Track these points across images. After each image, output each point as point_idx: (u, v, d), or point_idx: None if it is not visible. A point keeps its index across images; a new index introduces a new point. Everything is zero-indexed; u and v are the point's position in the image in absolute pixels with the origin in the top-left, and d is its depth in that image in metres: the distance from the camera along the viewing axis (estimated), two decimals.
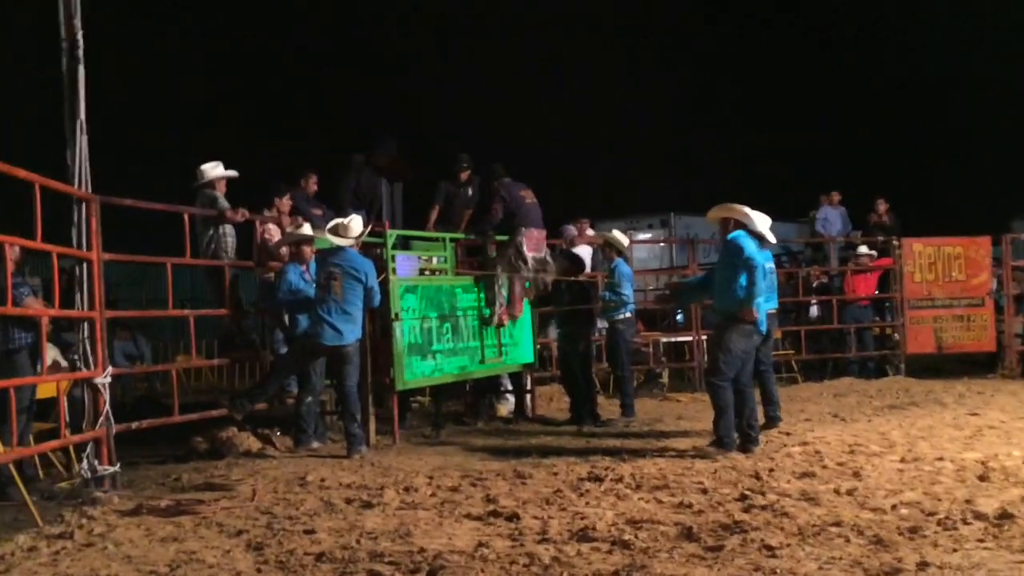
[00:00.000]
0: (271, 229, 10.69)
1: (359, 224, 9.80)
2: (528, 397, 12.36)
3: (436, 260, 11.32)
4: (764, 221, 9.02)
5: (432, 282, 10.89)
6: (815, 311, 16.92)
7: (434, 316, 10.68)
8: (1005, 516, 5.86)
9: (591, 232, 15.26)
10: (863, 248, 16.28)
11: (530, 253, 11.27)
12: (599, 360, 13.43)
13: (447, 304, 10.93)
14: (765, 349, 10.30)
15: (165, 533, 6.21)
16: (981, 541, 5.43)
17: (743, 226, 8.88)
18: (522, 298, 11.62)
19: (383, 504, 6.84)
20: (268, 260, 10.48)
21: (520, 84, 32.77)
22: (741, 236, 8.80)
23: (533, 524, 6.10)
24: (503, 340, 11.65)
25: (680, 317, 17.08)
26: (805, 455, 8.36)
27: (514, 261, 11.25)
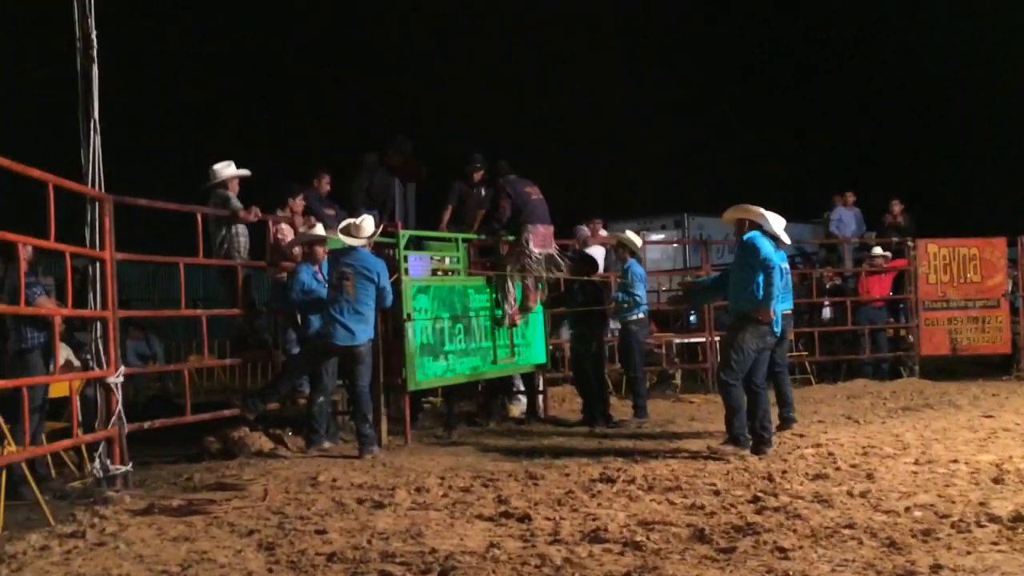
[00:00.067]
0: (284, 229, 10.70)
1: (371, 224, 9.80)
2: (540, 398, 12.36)
3: (449, 260, 11.32)
4: (779, 222, 8.99)
5: (444, 282, 10.88)
6: (827, 313, 16.87)
7: (446, 316, 10.68)
8: (1019, 519, 5.82)
9: (604, 233, 15.24)
10: (877, 249, 16.23)
11: (537, 249, 11.26)
12: (612, 361, 13.41)
13: (459, 305, 10.92)
14: (780, 350, 10.28)
15: (177, 533, 6.22)
16: (995, 544, 5.40)
17: (758, 227, 8.85)
18: (536, 293, 11.61)
19: (395, 504, 6.84)
20: (281, 260, 10.49)
21: (532, 83, 32.79)
22: (757, 237, 8.77)
23: (545, 525, 6.09)
24: (515, 341, 11.63)
25: (693, 318, 17.05)
26: (818, 457, 8.33)
27: (522, 259, 11.24)
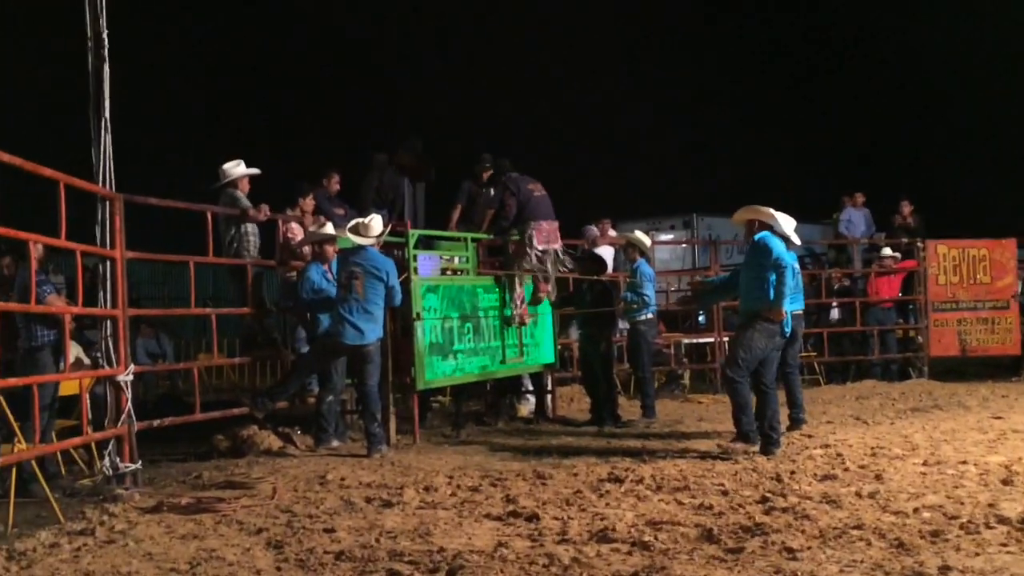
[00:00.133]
0: (294, 228, 10.72)
1: (379, 223, 9.81)
2: (549, 397, 12.36)
3: (458, 260, 11.32)
4: (789, 223, 8.98)
5: (454, 282, 10.89)
6: (835, 314, 16.84)
7: (455, 316, 10.69)
8: None
9: (613, 233, 15.25)
10: (887, 250, 16.19)
11: (540, 246, 11.26)
12: (620, 361, 13.41)
13: (468, 304, 10.93)
14: (792, 351, 10.26)
15: (186, 531, 6.24)
16: (1004, 545, 5.38)
17: (768, 228, 8.85)
18: (546, 284, 11.60)
19: (403, 503, 6.85)
20: (291, 259, 10.51)
21: (537, 82, 32.73)
22: (768, 236, 8.77)
23: (553, 525, 6.10)
24: (524, 340, 11.64)
25: (702, 318, 17.04)
26: (827, 457, 8.32)
27: (524, 257, 11.24)
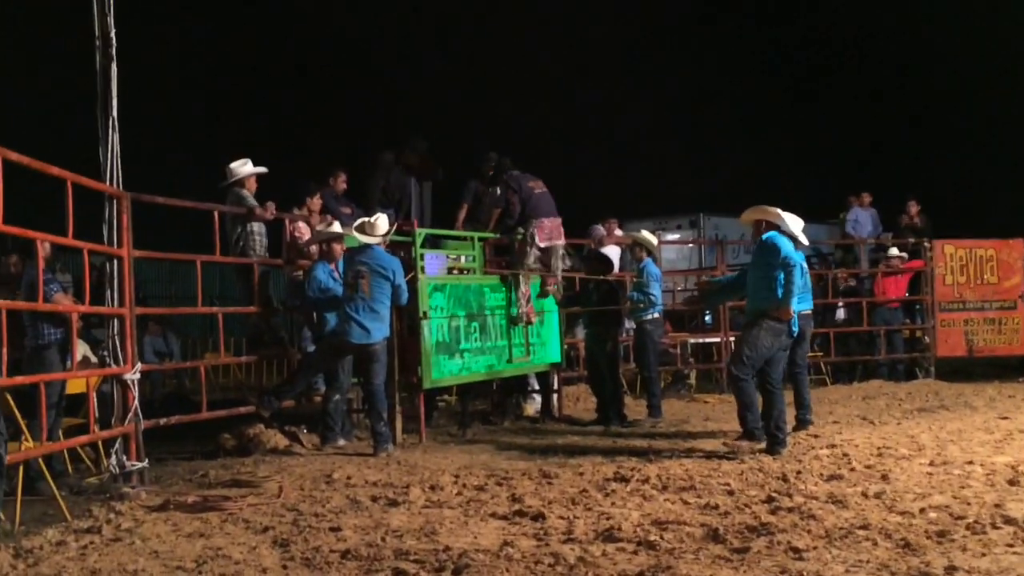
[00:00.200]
0: (301, 227, 10.74)
1: (385, 222, 9.82)
2: (555, 397, 12.36)
3: (464, 259, 11.32)
4: (797, 223, 8.97)
5: (460, 281, 10.90)
6: (841, 314, 16.81)
7: (462, 315, 10.69)
8: None
9: (619, 232, 15.24)
10: (894, 250, 16.15)
11: (543, 243, 11.26)
12: (627, 360, 13.41)
13: (475, 303, 10.93)
14: (800, 351, 10.24)
15: (192, 529, 6.25)
16: (1010, 546, 5.37)
17: (776, 227, 8.85)
18: (553, 278, 11.60)
19: (409, 502, 6.86)
20: (297, 258, 10.52)
21: (539, 83, 32.69)
22: (776, 236, 8.77)
23: (559, 524, 6.09)
24: (531, 339, 11.64)
25: (708, 318, 17.02)
26: (833, 457, 8.30)
27: (526, 255, 11.23)
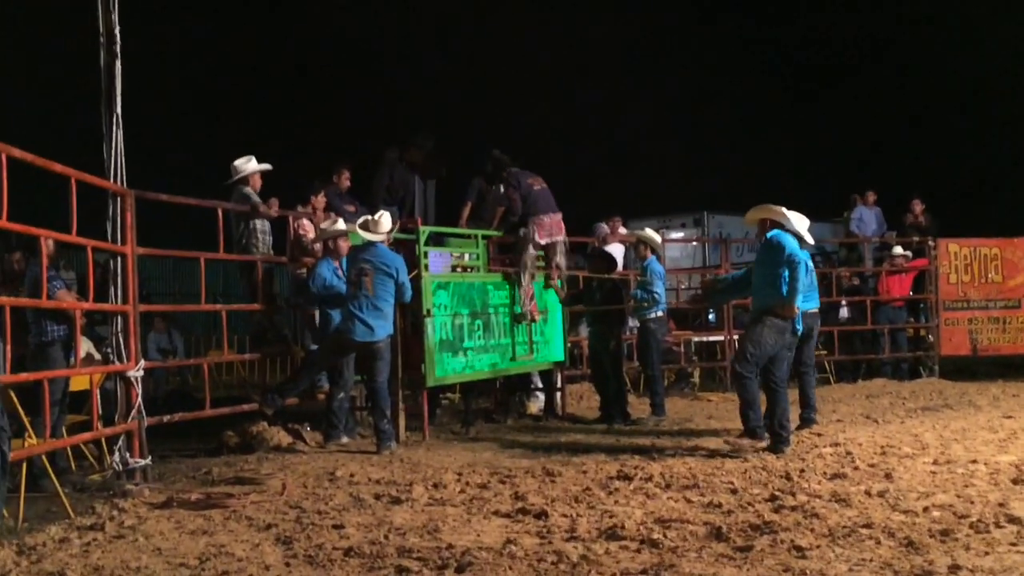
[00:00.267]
0: (305, 225, 10.73)
1: (388, 220, 9.81)
2: (558, 395, 12.35)
3: (468, 257, 11.31)
4: (802, 222, 8.96)
5: (464, 279, 10.89)
6: (844, 312, 16.79)
7: (466, 313, 10.69)
8: None
9: (623, 230, 15.22)
10: (898, 249, 16.13)
11: (543, 240, 11.25)
12: (630, 359, 13.40)
13: (479, 301, 10.93)
14: (807, 349, 10.24)
15: (195, 526, 6.25)
16: (1014, 545, 5.36)
17: (780, 226, 8.84)
18: (556, 270, 11.59)
19: (412, 500, 6.86)
20: (301, 256, 10.52)
21: (539, 83, 32.70)
22: (781, 234, 8.76)
23: (562, 522, 6.09)
24: (534, 338, 11.63)
25: (712, 316, 17.01)
26: (836, 456, 8.30)
27: (526, 254, 11.23)
